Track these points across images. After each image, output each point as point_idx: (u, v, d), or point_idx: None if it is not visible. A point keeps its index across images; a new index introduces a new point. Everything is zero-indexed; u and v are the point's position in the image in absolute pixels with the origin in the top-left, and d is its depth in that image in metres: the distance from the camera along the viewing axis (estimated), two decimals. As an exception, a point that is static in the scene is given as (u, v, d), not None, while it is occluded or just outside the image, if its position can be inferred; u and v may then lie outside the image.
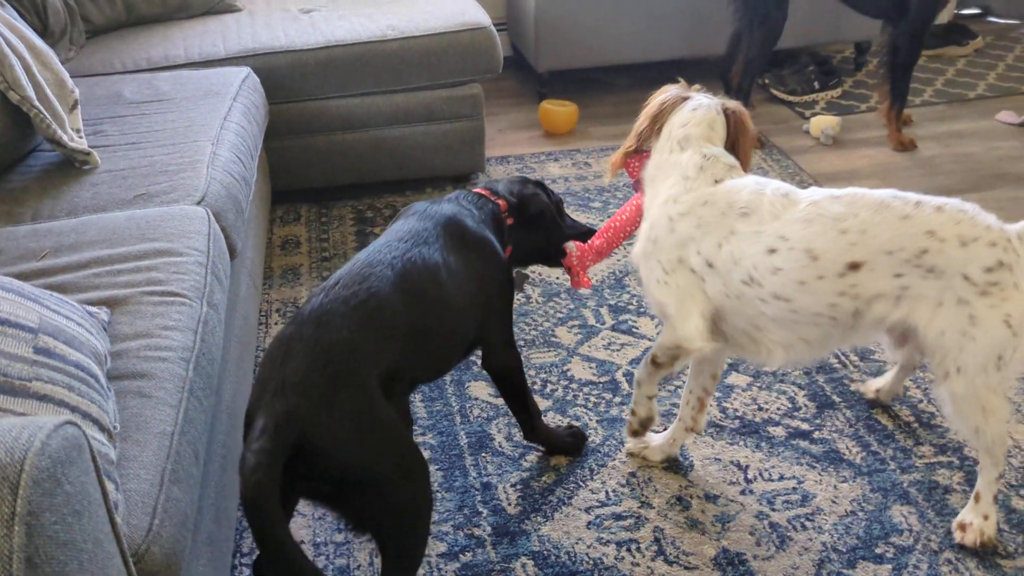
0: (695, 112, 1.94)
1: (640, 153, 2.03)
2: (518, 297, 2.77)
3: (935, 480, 2.09)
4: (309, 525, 2.01)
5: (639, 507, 2.05)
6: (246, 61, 3.05)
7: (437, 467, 2.16)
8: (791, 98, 4.14)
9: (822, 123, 3.77)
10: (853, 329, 1.82)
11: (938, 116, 4.00)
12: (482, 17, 3.30)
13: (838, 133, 3.75)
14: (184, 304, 1.73)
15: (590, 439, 2.23)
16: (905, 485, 2.08)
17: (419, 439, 2.24)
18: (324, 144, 3.26)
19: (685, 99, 1.98)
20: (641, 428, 2.12)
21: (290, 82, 3.13)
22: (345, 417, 1.50)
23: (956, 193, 3.30)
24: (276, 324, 2.69)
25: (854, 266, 1.73)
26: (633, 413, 2.11)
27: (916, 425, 2.25)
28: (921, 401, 2.33)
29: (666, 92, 2.01)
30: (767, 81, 4.21)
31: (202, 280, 1.82)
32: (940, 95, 4.21)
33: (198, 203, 2.13)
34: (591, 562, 1.91)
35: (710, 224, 1.83)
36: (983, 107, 4.07)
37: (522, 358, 2.05)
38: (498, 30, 3.34)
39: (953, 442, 2.20)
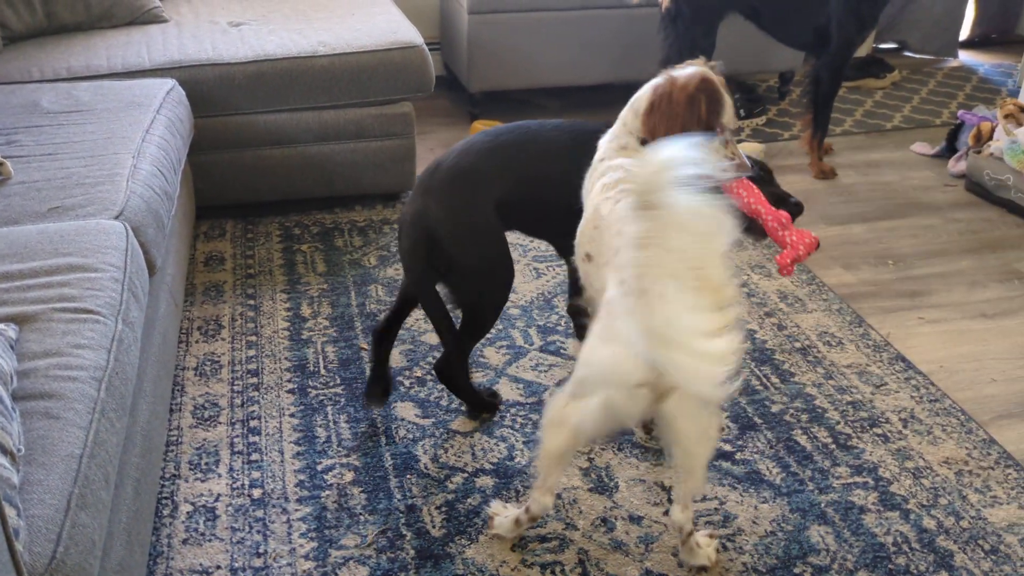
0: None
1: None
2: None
3: (851, 500, 2.14)
4: (227, 550, 1.96)
5: (564, 528, 2.05)
6: (172, 73, 2.99)
7: (361, 489, 2.13)
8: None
9: (747, 150, 3.84)
10: None
11: (857, 146, 4.14)
12: (414, 36, 3.29)
13: (762, 160, 3.85)
14: (97, 322, 1.67)
15: (516, 460, 2.23)
16: (823, 505, 2.13)
17: (343, 460, 2.21)
18: (251, 159, 3.21)
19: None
20: None
21: (217, 95, 3.08)
22: (460, 221, 2.11)
23: (872, 220, 3.44)
24: (198, 342, 2.63)
25: None
26: None
27: (833, 447, 2.31)
28: (839, 423, 2.39)
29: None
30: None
31: (117, 297, 1.76)
32: (859, 125, 4.35)
33: (116, 217, 2.07)
34: (515, 585, 1.91)
35: None
36: (899, 138, 4.23)
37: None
38: (431, 49, 3.35)
39: (869, 463, 2.25)
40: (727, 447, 2.29)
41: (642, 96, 1.99)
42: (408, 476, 2.17)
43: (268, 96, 3.14)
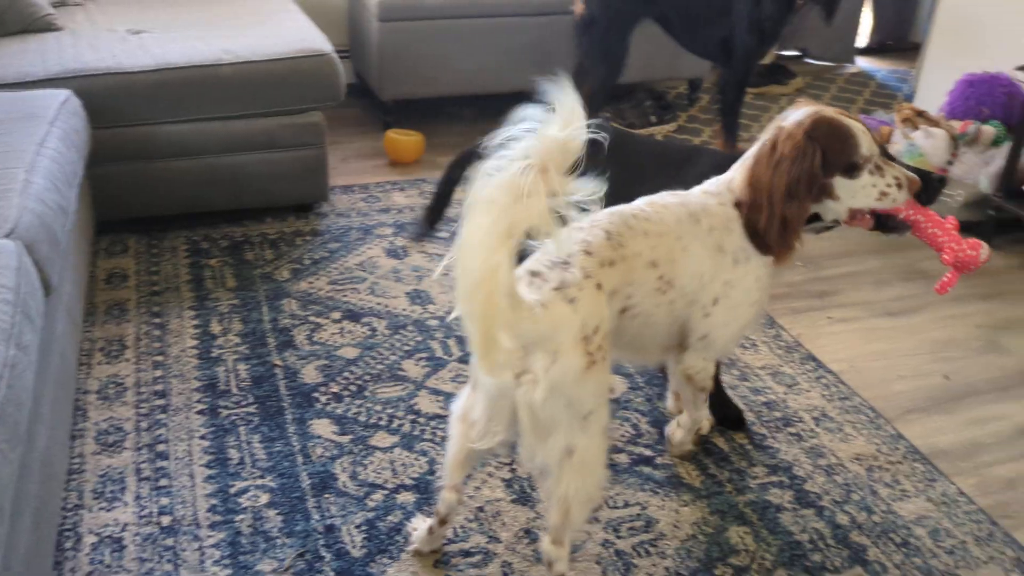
0: None
1: None
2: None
3: (768, 500, 2.17)
4: None
5: (487, 542, 2.02)
6: (67, 83, 2.85)
7: (277, 511, 2.06)
8: (630, 131, 4.28)
9: (659, 156, 3.90)
10: None
11: (764, 150, 4.23)
12: (323, 44, 3.23)
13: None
14: (-13, 347, 1.57)
15: (437, 475, 2.19)
16: (741, 506, 2.15)
17: (257, 482, 2.14)
18: (155, 171, 3.09)
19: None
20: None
21: (117, 106, 2.95)
22: None
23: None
24: (100, 364, 2.51)
25: None
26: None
27: (750, 447, 2.34)
28: (754, 424, 2.43)
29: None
30: (607, 115, 4.34)
31: (8, 320, 1.66)
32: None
33: (7, 235, 1.95)
34: (438, 602, 1.87)
35: None
36: (804, 142, 4.34)
37: (367, 392, 1.96)
38: (341, 57, 3.29)
39: (784, 462, 2.30)
40: (647, 452, 2.31)
41: (751, 153, 1.89)
42: (326, 495, 2.12)
43: (171, 106, 3.03)
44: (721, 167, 2.38)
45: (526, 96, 1.54)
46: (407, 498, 2.12)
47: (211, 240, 3.18)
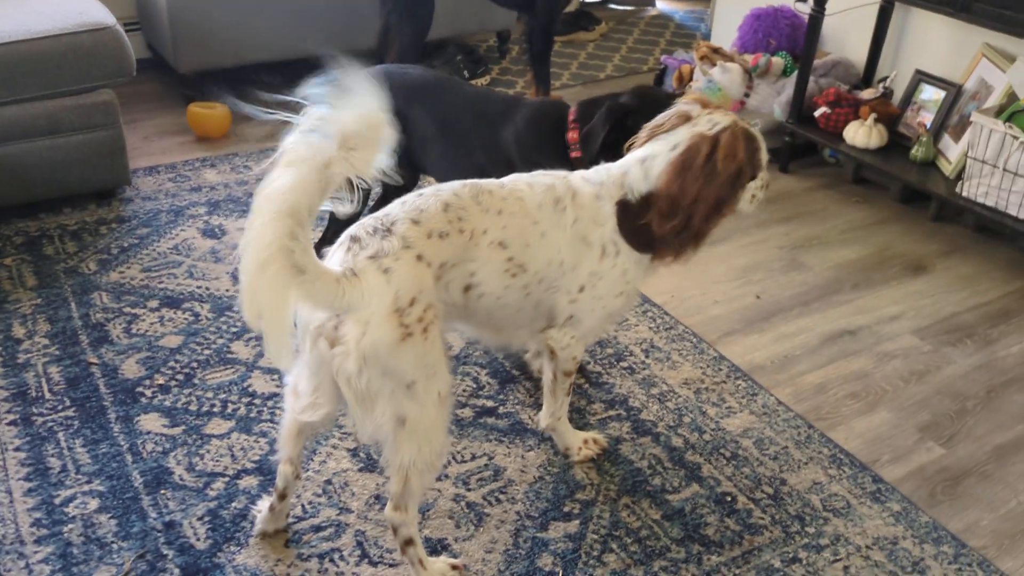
0: None
1: None
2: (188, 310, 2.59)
3: (607, 433, 2.26)
4: None
5: (337, 514, 2.00)
6: None
7: (109, 515, 1.95)
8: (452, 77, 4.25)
9: (474, 110, 3.91)
10: None
11: (576, 96, 4.30)
12: (105, 16, 3.00)
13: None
14: None
15: (279, 459, 2.13)
16: (583, 443, 2.23)
17: (84, 488, 2.01)
18: (-74, 169, 2.80)
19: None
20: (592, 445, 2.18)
21: None
22: None
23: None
24: None
25: None
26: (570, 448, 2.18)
27: (587, 386, 2.42)
28: (589, 363, 2.51)
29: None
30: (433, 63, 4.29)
31: None
32: (576, 77, 4.55)
33: None
34: (293, 581, 1.84)
35: None
36: (613, 86, 4.46)
37: (196, 380, 1.85)
38: (129, 30, 3.08)
39: (619, 396, 2.39)
40: (489, 403, 2.34)
41: (659, 152, 1.85)
42: (162, 491, 2.02)
43: (-64, 95, 2.75)
44: (537, 116, 2.41)
45: (333, 59, 1.50)
46: (250, 482, 2.06)
47: (3, 238, 2.92)
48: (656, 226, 1.84)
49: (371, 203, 2.72)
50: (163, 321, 2.57)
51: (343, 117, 1.46)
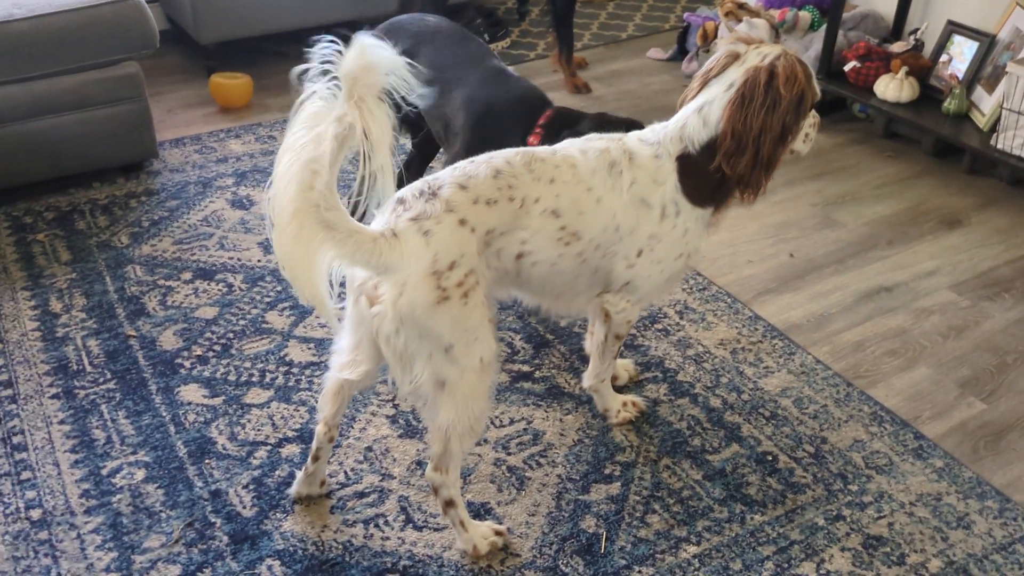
0: None
1: None
2: (220, 288, 2.60)
3: (645, 395, 2.26)
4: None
5: (380, 480, 2.01)
6: None
7: (156, 485, 1.97)
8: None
9: (497, 73, 3.87)
10: None
11: (598, 57, 4.28)
12: (125, -12, 2.98)
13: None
14: None
15: (316, 420, 2.15)
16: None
17: (129, 459, 2.04)
18: (-44, 146, 2.81)
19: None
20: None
21: (-102, 78, 2.65)
22: None
23: (624, 128, 3.57)
24: (-70, 362, 2.30)
25: None
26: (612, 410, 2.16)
27: (622, 348, 2.41)
28: (623, 325, 2.50)
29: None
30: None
31: None
32: (597, 38, 4.50)
33: None
34: (340, 547, 1.86)
35: None
36: (635, 46, 4.42)
37: (234, 350, 1.86)
38: (149, 1, 3.05)
39: (655, 358, 2.38)
40: (526, 367, 2.34)
41: (715, 96, 1.80)
42: (207, 461, 2.04)
43: (-37, 72, 2.75)
44: (514, 103, 2.34)
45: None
46: (292, 450, 2.08)
47: (34, 213, 2.93)
48: (727, 166, 1.81)
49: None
50: (197, 293, 2.58)
51: (343, 67, 1.47)
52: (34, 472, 2.00)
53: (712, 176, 1.84)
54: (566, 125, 2.22)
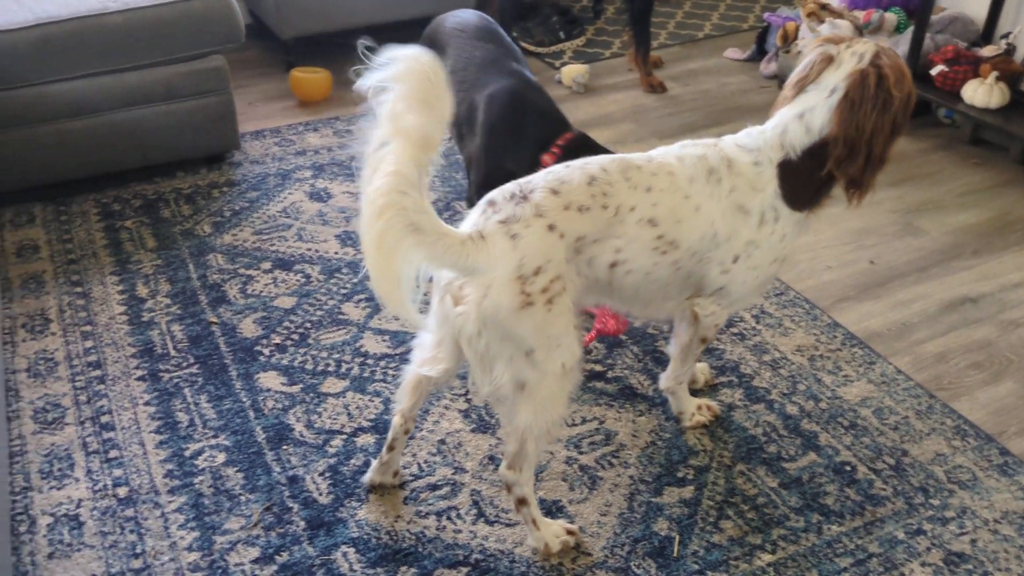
0: None
1: None
2: (297, 278, 2.65)
3: (720, 400, 2.23)
4: (101, 556, 1.82)
5: (453, 473, 2.03)
6: (-60, 47, 2.65)
7: (236, 468, 2.02)
8: (539, 49, 4.22)
9: (572, 72, 3.87)
10: None
11: (674, 57, 4.24)
12: (215, -17, 3.06)
13: (588, 80, 3.88)
14: (-92, 336, 1.47)
15: (393, 412, 2.18)
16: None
17: (211, 442, 2.09)
18: (50, 135, 2.91)
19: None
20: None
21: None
22: None
23: (700, 129, 3.54)
24: (25, 340, 2.39)
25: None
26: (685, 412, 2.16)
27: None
28: (698, 328, 2.47)
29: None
30: (515, 34, 4.26)
31: (-73, 305, 1.56)
32: (674, 37, 4.46)
33: (-93, 216, 1.82)
34: (413, 537, 1.88)
35: None
36: (712, 45, 4.37)
37: (311, 340, 1.89)
38: (234, -4, 3.12)
39: (730, 362, 2.36)
40: (598, 367, 2.33)
41: (816, 102, 1.78)
42: (284, 447, 2.09)
43: (58, 63, 2.84)
44: (537, 119, 2.31)
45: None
46: (367, 440, 2.11)
47: (122, 201, 3.03)
48: (838, 171, 1.79)
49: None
50: (276, 282, 2.64)
51: (413, 83, 1.50)
52: (121, 451, 2.06)
53: (812, 180, 1.82)
54: (586, 152, 2.13)
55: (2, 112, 2.80)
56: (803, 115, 1.80)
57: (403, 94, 1.48)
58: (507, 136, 2.31)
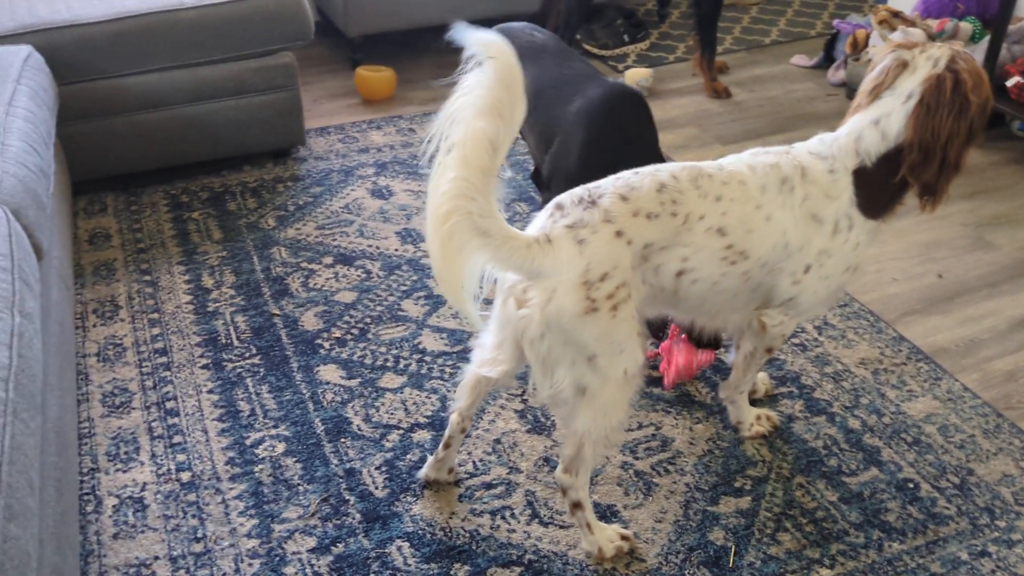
0: None
1: None
2: (357, 273, 2.68)
3: (779, 410, 2.20)
4: (163, 539, 1.86)
5: (508, 473, 2.03)
6: (25, 39, 2.74)
7: (295, 459, 2.05)
8: (603, 52, 4.21)
9: (636, 75, 3.85)
10: None
11: (740, 62, 4.20)
12: (287, -19, 3.11)
13: (652, 84, 3.86)
14: (-9, 317, 1.52)
15: (450, 411, 2.19)
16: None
17: (271, 432, 2.12)
18: (125, 126, 2.99)
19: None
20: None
21: (79, 60, 2.84)
22: None
23: (764, 136, 3.50)
24: (95, 326, 2.46)
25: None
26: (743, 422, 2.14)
27: (756, 360, 2.36)
28: (758, 337, 2.44)
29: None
30: (579, 37, 4.26)
31: (9, 287, 1.61)
32: (739, 42, 4.41)
33: (-9, 201, 1.88)
34: (467, 535, 1.89)
35: None
36: (778, 51, 4.31)
37: (370, 335, 1.91)
38: (305, -6, 3.17)
39: (791, 373, 2.32)
40: (655, 373, 2.32)
41: (892, 108, 1.75)
42: (342, 440, 2.11)
43: (134, 56, 2.92)
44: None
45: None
46: (423, 436, 2.13)
47: (190, 193, 3.10)
48: (912, 177, 1.76)
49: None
50: (338, 277, 2.67)
51: (486, 88, 1.47)
52: (184, 437, 2.11)
53: (887, 187, 1.79)
54: None
55: (79, 103, 2.89)
56: (879, 121, 1.77)
57: (476, 98, 1.48)
58: (605, 158, 2.25)
